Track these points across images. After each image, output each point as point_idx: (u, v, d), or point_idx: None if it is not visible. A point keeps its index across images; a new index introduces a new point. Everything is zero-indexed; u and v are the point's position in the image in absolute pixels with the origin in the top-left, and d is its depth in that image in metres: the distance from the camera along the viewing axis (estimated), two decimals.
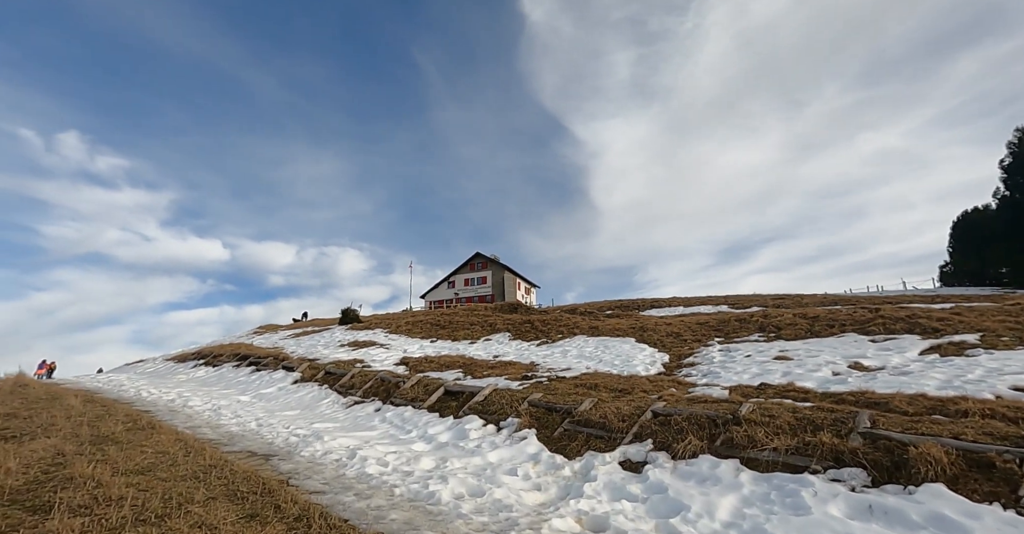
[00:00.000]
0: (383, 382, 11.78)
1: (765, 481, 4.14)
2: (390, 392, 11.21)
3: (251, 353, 18.42)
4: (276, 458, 6.57)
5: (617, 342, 15.83)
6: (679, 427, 5.58)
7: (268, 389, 12.98)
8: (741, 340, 13.04)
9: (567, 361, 13.58)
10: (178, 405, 10.86)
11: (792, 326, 13.16)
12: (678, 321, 17.97)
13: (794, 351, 10.41)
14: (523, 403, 8.30)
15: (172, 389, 13.30)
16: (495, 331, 21.97)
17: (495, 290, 54.26)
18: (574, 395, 8.53)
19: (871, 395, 6.12)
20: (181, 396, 11.97)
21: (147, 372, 20.45)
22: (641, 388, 8.65)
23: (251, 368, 16.13)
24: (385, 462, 6.20)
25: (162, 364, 21.90)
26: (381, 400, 10.90)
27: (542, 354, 15.50)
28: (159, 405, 10.73)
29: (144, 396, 11.97)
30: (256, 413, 10.22)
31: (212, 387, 14.25)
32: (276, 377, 14.14)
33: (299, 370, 14.33)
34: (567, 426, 6.97)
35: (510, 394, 9.02)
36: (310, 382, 13.22)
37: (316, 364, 14.91)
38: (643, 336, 16.24)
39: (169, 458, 5.68)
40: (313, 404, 11.29)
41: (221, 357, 19.18)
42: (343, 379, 12.73)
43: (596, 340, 16.96)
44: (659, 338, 15.36)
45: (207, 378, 16.26)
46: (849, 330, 11.70)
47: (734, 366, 9.84)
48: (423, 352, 17.91)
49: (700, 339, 14.17)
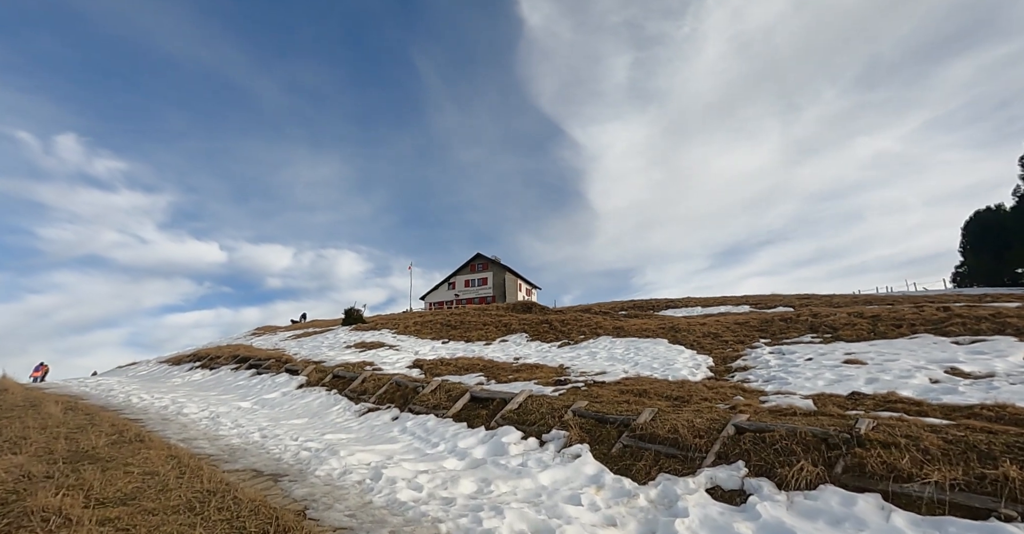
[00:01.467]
0: (399, 387, 10.89)
1: (935, 529, 3.21)
2: (407, 398, 10.33)
3: (251, 355, 17.58)
4: (286, 479, 5.68)
5: (648, 343, 14.90)
6: (780, 447, 4.65)
7: (271, 394, 12.12)
8: (792, 341, 12.10)
9: (598, 364, 12.66)
10: (171, 413, 10.00)
11: (850, 326, 12.21)
12: (712, 321, 17.03)
13: (863, 354, 9.47)
14: (566, 412, 7.39)
15: (165, 394, 12.45)
16: (511, 332, 21.06)
17: (496, 291, 53.93)
18: (624, 404, 7.62)
19: (1013, 410, 5.18)
20: (175, 402, 11.11)
21: (140, 375, 19.63)
22: (700, 396, 7.73)
23: (251, 371, 15.28)
24: (418, 485, 5.30)
25: (156, 367, 21.08)
26: (398, 407, 10.02)
27: (567, 356, 14.58)
28: (150, 413, 9.87)
29: (134, 402, 11.12)
30: (259, 422, 9.35)
31: (209, 392, 13.39)
32: (279, 381, 13.28)
33: (304, 373, 13.46)
34: (626, 441, 6.06)
35: (548, 402, 8.11)
36: (317, 386, 12.35)
37: (322, 367, 14.04)
38: (676, 337, 15.29)
39: (158, 481, 4.80)
40: (322, 411, 10.41)
41: (219, 359, 18.34)
42: (353, 383, 11.85)
43: (624, 341, 16.03)
44: (695, 339, 14.42)
45: (204, 382, 15.41)
46: (921, 331, 10.74)
47: (799, 371, 8.91)
48: (436, 354, 17.03)
49: (743, 340, 13.23)
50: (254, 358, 16.85)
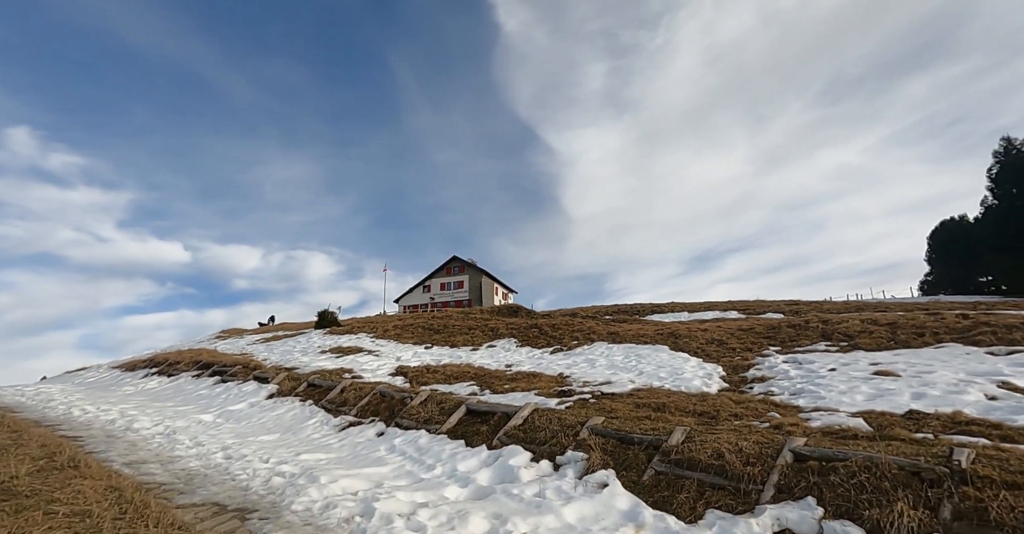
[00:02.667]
0: (384, 398, 9.96)
1: None
2: (394, 411, 9.41)
3: (215, 360, 16.27)
4: (256, 516, 4.75)
5: (649, 350, 14.30)
6: (860, 482, 3.98)
7: (237, 405, 10.99)
8: (805, 350, 11.65)
9: (599, 373, 11.96)
10: (119, 428, 8.84)
11: (866, 334, 11.84)
12: (713, 327, 16.57)
13: (891, 365, 9.02)
14: (581, 430, 6.63)
15: (114, 405, 11.18)
16: (498, 336, 20.24)
17: (472, 295, 53.53)
18: (645, 420, 6.91)
19: None
20: (125, 415, 9.91)
21: (87, 383, 18.01)
22: (728, 411, 7.07)
23: (215, 379, 14.04)
24: (419, 524, 4.45)
25: (107, 373, 19.44)
26: (383, 421, 9.10)
27: (563, 364, 13.86)
28: (93, 428, 8.68)
29: (76, 415, 9.87)
30: (223, 439, 8.30)
31: (166, 403, 12.14)
32: (247, 390, 12.14)
33: (275, 381, 12.36)
34: (660, 467, 5.33)
35: (557, 416, 7.34)
36: (289, 396, 11.29)
37: (296, 374, 12.95)
38: (678, 344, 14.75)
39: (89, 526, 3.83)
40: (296, 426, 9.39)
41: (178, 365, 16.95)
42: (331, 393, 10.85)
43: (622, 348, 15.41)
44: (699, 346, 13.89)
45: (160, 391, 14.08)
46: (947, 340, 10.41)
47: (828, 383, 8.37)
48: (420, 360, 16.08)
49: (750, 348, 12.74)
50: (218, 364, 15.57)
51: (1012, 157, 39.47)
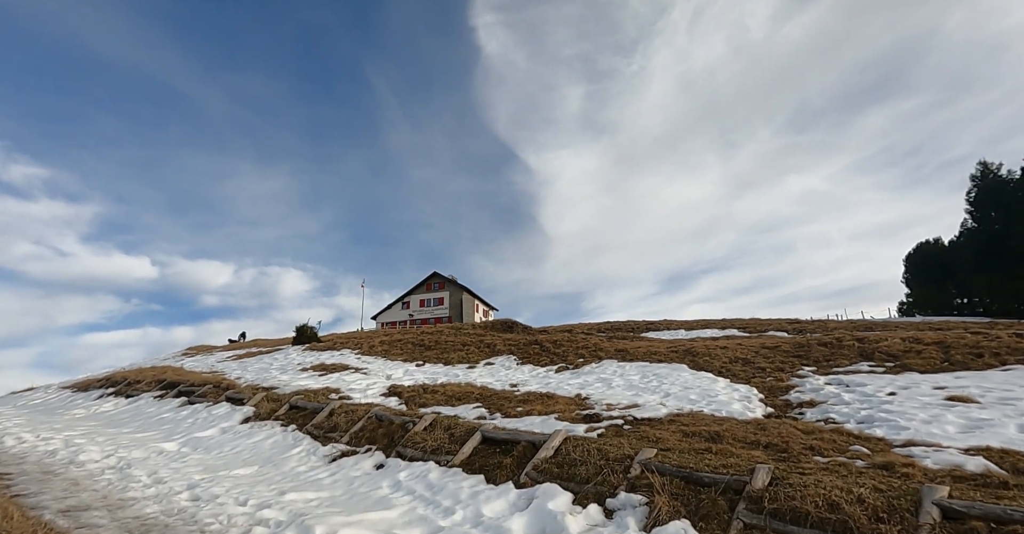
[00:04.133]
0: (381, 422, 8.80)
1: None
2: (394, 437, 8.26)
3: (181, 379, 14.79)
4: None
5: (666, 369, 13.39)
6: None
7: (206, 431, 9.66)
8: (846, 370, 10.87)
9: (618, 394, 10.98)
10: (61, 461, 7.48)
11: (914, 354, 11.12)
12: (733, 345, 15.77)
13: (960, 389, 8.22)
14: (632, 465, 5.63)
15: (59, 432, 9.73)
16: (496, 353, 19.12)
17: (452, 312, 52.88)
18: (705, 454, 5.93)
19: None
20: (70, 444, 8.52)
21: (32, 405, 16.23)
22: (799, 442, 6.14)
23: (181, 400, 12.61)
24: None
25: (56, 393, 17.65)
26: (382, 450, 7.94)
27: (575, 384, 12.83)
28: (28, 462, 7.32)
29: (7, 445, 8.43)
30: (189, 474, 7.03)
31: (122, 428, 10.71)
32: (218, 413, 10.79)
33: (252, 403, 11.04)
34: (749, 518, 4.35)
35: (595, 447, 6.32)
36: (269, 421, 10.01)
37: (275, 395, 11.64)
38: (697, 362, 13.88)
39: None
40: (278, 456, 8.14)
41: (139, 385, 15.38)
42: (318, 417, 9.62)
43: (635, 366, 14.47)
44: (722, 366, 13.03)
45: (116, 414, 12.57)
46: (1012, 362, 9.71)
47: (897, 409, 7.53)
48: (413, 379, 14.87)
49: (781, 368, 11.93)
50: (185, 383, 14.11)
51: (989, 181, 40.80)
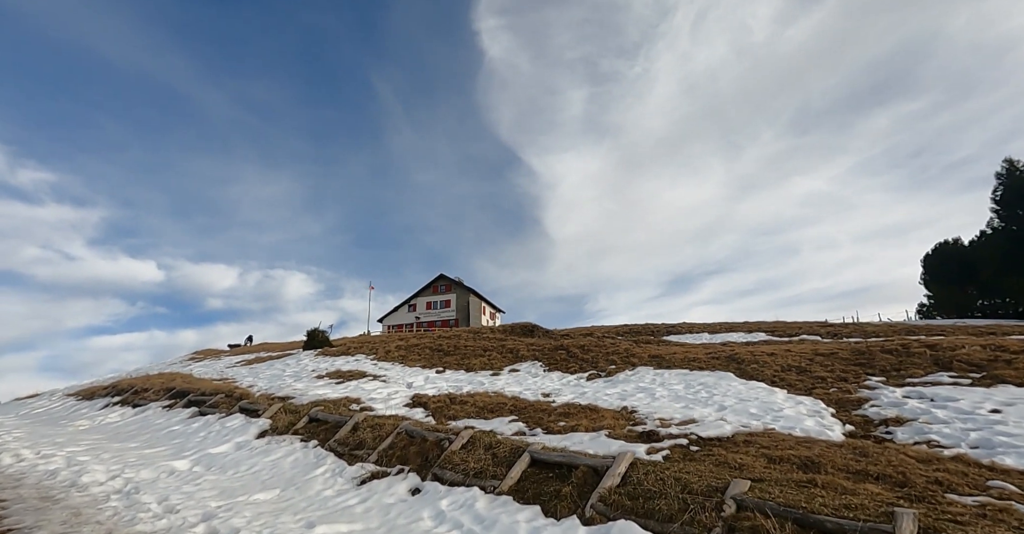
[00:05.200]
0: (412, 439, 8.05)
1: None
2: (428, 457, 7.52)
3: (191, 387, 14.16)
4: None
5: (711, 378, 12.53)
6: None
7: (220, 447, 8.97)
8: (923, 381, 9.95)
9: (667, 406, 10.15)
10: (61, 483, 6.80)
11: (1003, 363, 10.12)
12: (782, 351, 14.85)
13: None
14: (724, 501, 4.81)
15: (61, 448, 9.08)
16: (520, 359, 18.33)
17: (460, 314, 52.66)
18: (809, 487, 5.10)
19: None
20: (72, 462, 7.85)
21: (34, 415, 15.66)
22: (919, 475, 5.28)
23: (191, 411, 11.95)
24: None
25: (59, 402, 17.09)
26: (415, 471, 7.20)
27: (613, 394, 12.02)
28: (25, 485, 6.64)
29: (5, 463, 7.77)
30: (204, 499, 6.33)
31: (128, 443, 10.04)
32: (232, 426, 10.10)
33: (268, 415, 10.35)
34: None
35: (671, 476, 5.52)
36: (287, 435, 9.30)
37: (292, 405, 10.95)
38: (744, 370, 13.00)
39: None
40: (300, 477, 7.41)
41: (146, 393, 14.77)
42: (341, 431, 8.89)
43: (675, 374, 13.62)
44: (774, 374, 12.14)
45: (122, 426, 11.93)
46: None
47: (1012, 429, 6.65)
48: (436, 387, 14.12)
49: (844, 378, 11.03)
50: (195, 392, 13.46)
51: (1016, 179, 39.67)
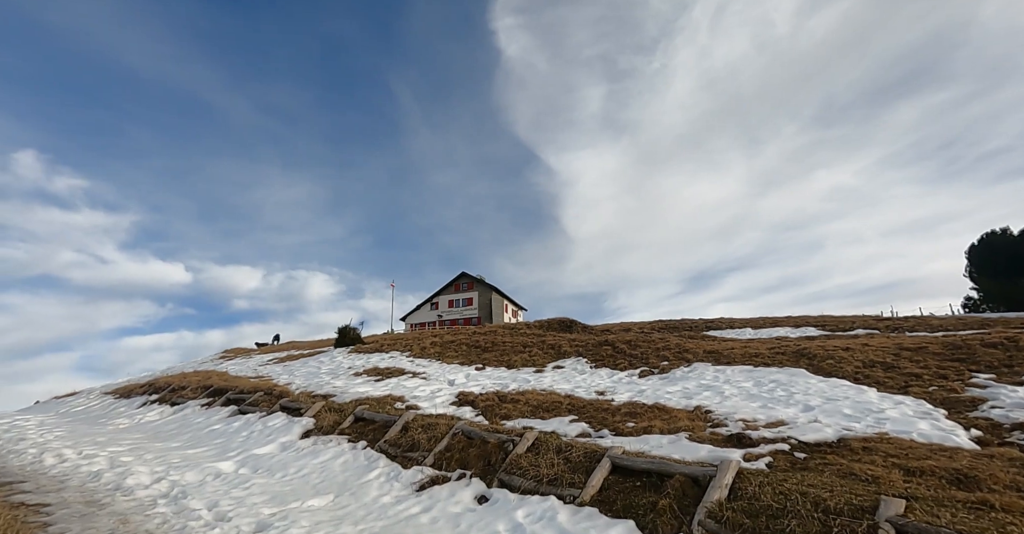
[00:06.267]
0: (470, 440, 7.48)
1: None
2: (490, 460, 6.93)
3: (228, 385, 13.96)
4: None
5: (782, 375, 11.62)
6: None
7: (264, 448, 8.59)
8: None
9: (742, 405, 9.35)
10: (105, 486, 6.46)
11: None
12: (858, 345, 13.80)
13: None
14: (878, 525, 4.04)
15: (103, 448, 8.85)
16: (562, 355, 17.67)
17: (482, 312, 52.80)
18: (986, 511, 4.29)
19: None
20: (115, 464, 7.55)
21: (74, 413, 15.77)
22: None
23: (230, 409, 11.69)
24: None
25: (98, 400, 17.23)
26: (479, 477, 6.62)
27: (674, 391, 11.24)
28: (68, 488, 6.32)
29: (47, 464, 7.53)
30: (255, 504, 5.88)
31: (169, 442, 9.79)
32: (274, 425, 9.74)
33: (310, 414, 9.95)
34: None
35: (794, 489, 4.78)
36: (333, 435, 8.86)
37: (335, 404, 10.54)
38: (817, 366, 12.05)
39: None
40: (354, 481, 6.92)
41: (183, 391, 14.66)
42: (391, 432, 8.39)
43: (738, 371, 12.75)
44: (855, 371, 11.18)
45: (162, 425, 11.75)
46: None
47: None
48: (479, 385, 13.57)
49: (943, 374, 10.01)
50: (233, 390, 13.24)
51: None
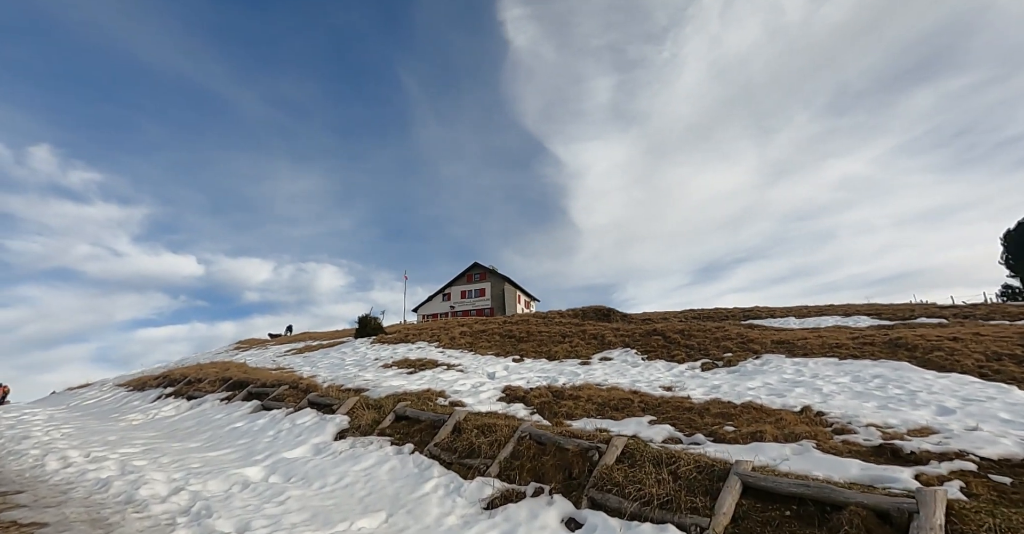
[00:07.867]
0: (541, 446, 6.40)
1: None
2: (571, 472, 5.86)
3: (248, 378, 13.10)
4: None
5: (883, 369, 10.33)
6: None
7: (295, 450, 7.62)
8: None
9: (851, 405, 8.12)
10: (116, 497, 5.52)
11: None
12: (969, 335, 12.40)
13: None
14: None
15: (114, 448, 7.97)
16: (607, 346, 16.52)
17: (495, 303, 52.60)
18: None
19: None
20: (127, 468, 6.63)
21: (85, 406, 15.12)
22: None
23: (253, 404, 10.79)
24: None
25: (111, 392, 16.58)
26: (562, 493, 5.56)
27: (755, 387, 10.04)
28: (72, 500, 5.38)
29: (50, 469, 6.63)
30: (295, 527, 4.86)
31: (188, 442, 8.90)
32: (304, 423, 8.78)
33: (343, 411, 8.97)
34: None
35: None
36: (372, 436, 7.85)
37: (369, 400, 9.55)
38: (923, 359, 10.71)
39: None
40: (407, 495, 5.88)
41: (200, 384, 13.86)
42: (441, 433, 7.34)
43: (820, 363, 11.47)
44: (976, 364, 9.84)
45: (178, 422, 10.91)
46: None
47: None
48: (522, 378, 12.50)
49: None
50: (254, 382, 12.37)
51: None
